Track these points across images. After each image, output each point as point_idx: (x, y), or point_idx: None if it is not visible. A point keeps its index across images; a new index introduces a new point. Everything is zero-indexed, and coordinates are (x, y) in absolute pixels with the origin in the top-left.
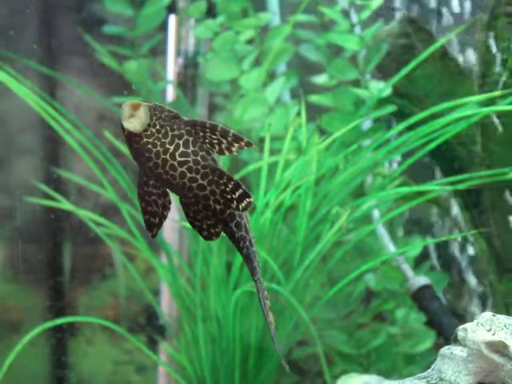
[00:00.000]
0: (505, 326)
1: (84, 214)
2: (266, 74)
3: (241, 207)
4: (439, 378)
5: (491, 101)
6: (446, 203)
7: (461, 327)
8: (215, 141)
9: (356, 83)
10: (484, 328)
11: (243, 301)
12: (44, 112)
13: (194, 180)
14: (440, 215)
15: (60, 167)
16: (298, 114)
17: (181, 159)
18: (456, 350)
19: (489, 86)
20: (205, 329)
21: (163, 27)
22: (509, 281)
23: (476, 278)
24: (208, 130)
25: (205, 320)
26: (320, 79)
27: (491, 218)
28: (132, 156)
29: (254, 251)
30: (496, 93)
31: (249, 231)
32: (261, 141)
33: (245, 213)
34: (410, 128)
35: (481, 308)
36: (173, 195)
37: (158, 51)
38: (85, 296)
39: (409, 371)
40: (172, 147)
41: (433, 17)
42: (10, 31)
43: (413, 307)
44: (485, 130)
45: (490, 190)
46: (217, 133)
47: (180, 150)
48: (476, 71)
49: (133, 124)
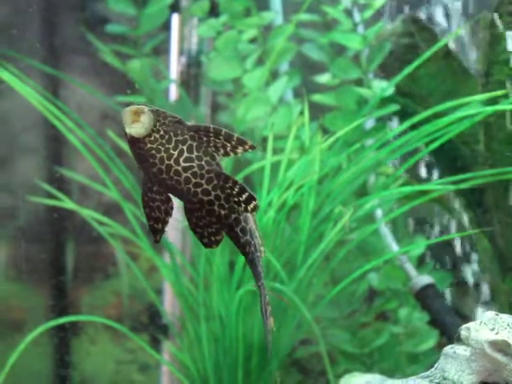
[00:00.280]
0: (508, 325)
1: (87, 214)
2: (269, 73)
3: (249, 209)
4: (442, 377)
5: (494, 100)
6: (450, 202)
7: (464, 326)
8: (219, 145)
9: (359, 82)
10: (487, 327)
11: (246, 300)
12: (47, 111)
13: (199, 185)
14: (443, 214)
15: (63, 166)
16: (301, 113)
17: (185, 164)
18: (459, 350)
19: (492, 85)
20: (208, 328)
21: (166, 26)
22: None
23: (479, 278)
24: (212, 135)
25: (208, 319)
26: (323, 78)
27: (494, 217)
28: (136, 162)
29: (259, 256)
30: (499, 92)
31: (253, 236)
32: (264, 140)
33: (252, 217)
34: (413, 127)
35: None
36: (176, 198)
37: (161, 50)
38: (88, 295)
39: (412, 370)
40: (176, 152)
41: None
42: (13, 30)
43: (416, 306)
44: (488, 129)
45: (494, 189)
46: (221, 137)
47: (184, 156)
48: (479, 70)
49: (136, 129)
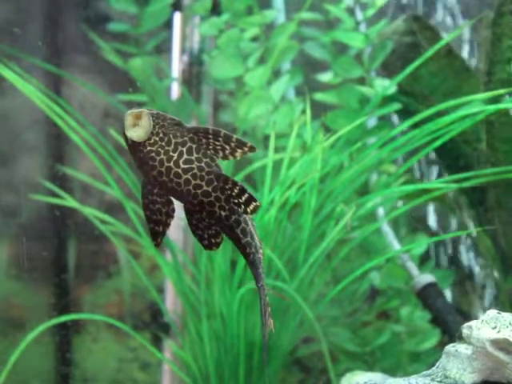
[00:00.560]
0: (510, 324)
1: (89, 212)
2: (271, 72)
3: (249, 210)
4: (444, 376)
5: (496, 99)
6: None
7: (466, 325)
8: (218, 147)
9: (361, 81)
10: (489, 326)
11: (248, 298)
12: (49, 109)
13: (199, 187)
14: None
15: (65, 165)
16: (303, 112)
17: (185, 166)
18: (461, 348)
19: (494, 84)
20: (209, 326)
21: (168, 25)
22: None
23: (481, 276)
24: (211, 137)
25: (209, 317)
26: (325, 77)
27: (496, 216)
28: (136, 165)
29: (260, 257)
30: (501, 90)
31: (254, 237)
32: (266, 138)
33: (250, 218)
34: (415, 126)
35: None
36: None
37: (163, 49)
38: (89, 293)
39: (413, 369)
40: (176, 155)
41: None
42: (15, 29)
43: (417, 305)
44: (490, 128)
45: (495, 188)
46: (220, 138)
47: (184, 158)
48: (481, 69)
49: (136, 133)
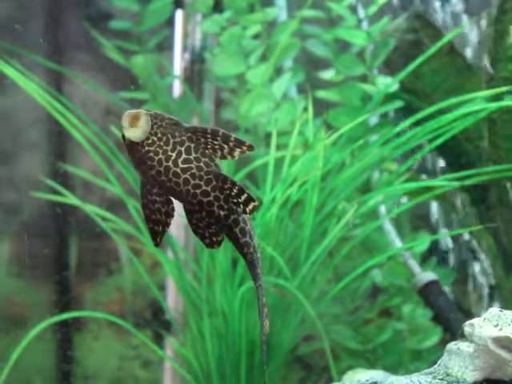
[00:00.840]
0: None
1: (90, 209)
2: (273, 69)
3: (248, 210)
4: (446, 374)
5: (499, 96)
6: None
7: (467, 323)
8: (217, 146)
9: (363, 78)
10: (491, 323)
11: (249, 296)
12: (51, 107)
13: (198, 186)
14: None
15: (66, 162)
16: (305, 109)
17: (184, 166)
18: (463, 346)
19: (496, 82)
20: (211, 324)
21: (170, 22)
22: None
23: (483, 274)
24: (209, 136)
25: (211, 315)
26: (327, 74)
27: (498, 214)
28: (134, 165)
29: (258, 257)
30: (504, 88)
31: (253, 237)
32: (267, 136)
33: (249, 219)
34: (417, 123)
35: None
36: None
37: (165, 46)
38: (91, 291)
39: (415, 367)
40: (174, 154)
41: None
42: (17, 26)
43: (419, 303)
44: (492, 126)
45: (497, 186)
46: (218, 138)
47: (182, 157)
48: (483, 66)
49: (134, 133)
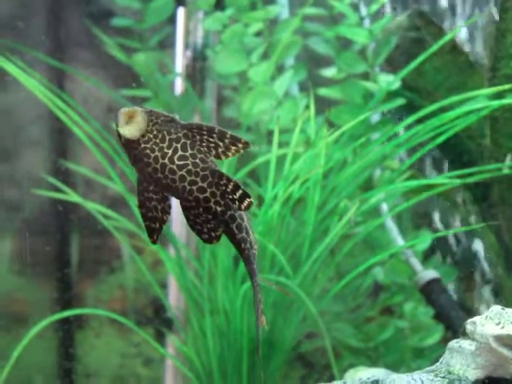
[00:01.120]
0: None
1: (92, 207)
2: (275, 67)
3: (243, 207)
4: (447, 372)
5: (501, 94)
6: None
7: (469, 321)
8: (212, 144)
9: (365, 76)
10: (493, 321)
11: (251, 294)
12: (52, 104)
13: (194, 183)
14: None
15: (68, 159)
16: (307, 107)
17: (180, 163)
18: (464, 344)
19: (498, 80)
20: (212, 322)
21: (172, 20)
22: None
23: (485, 272)
24: (205, 133)
25: (212, 313)
26: (329, 72)
27: (500, 212)
28: (131, 163)
29: (254, 253)
30: (506, 86)
31: (249, 233)
32: (269, 133)
33: (246, 214)
34: (419, 121)
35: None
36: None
37: (167, 44)
38: (92, 288)
39: (417, 365)
40: (170, 151)
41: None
42: (19, 23)
43: (421, 301)
44: (494, 124)
45: (499, 184)
46: (214, 135)
47: (178, 154)
48: (486, 64)
49: (130, 131)
